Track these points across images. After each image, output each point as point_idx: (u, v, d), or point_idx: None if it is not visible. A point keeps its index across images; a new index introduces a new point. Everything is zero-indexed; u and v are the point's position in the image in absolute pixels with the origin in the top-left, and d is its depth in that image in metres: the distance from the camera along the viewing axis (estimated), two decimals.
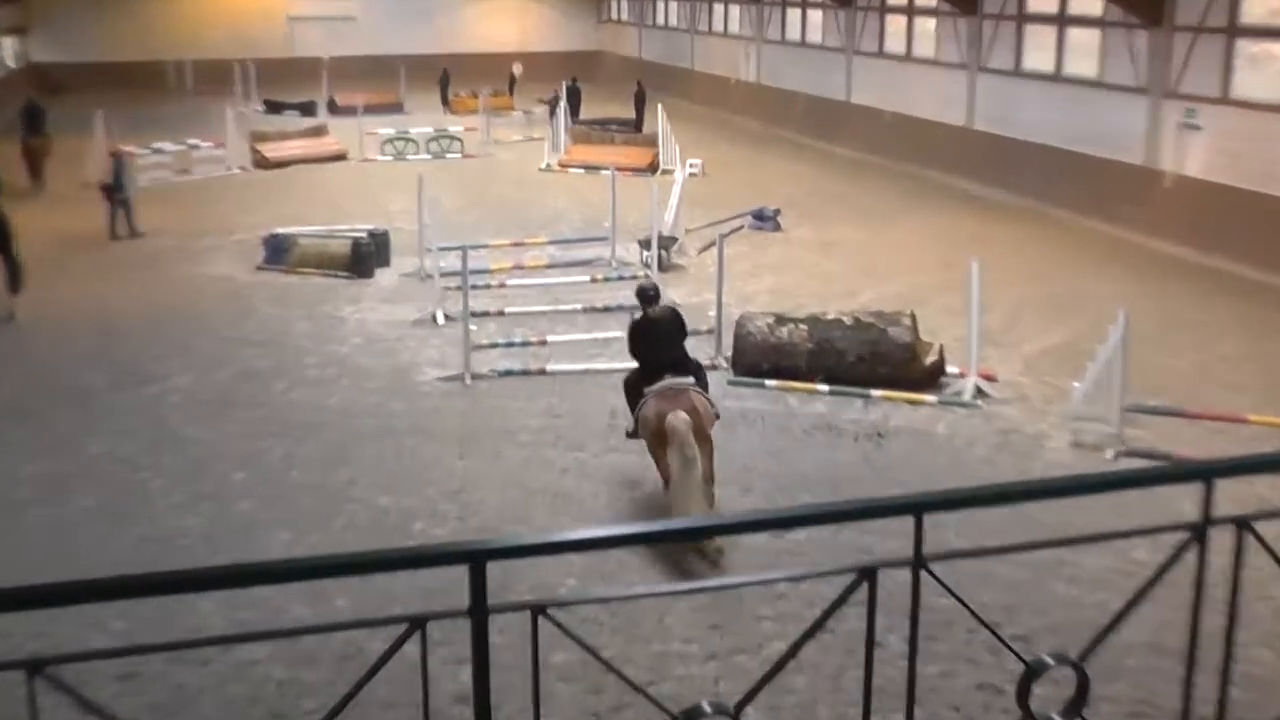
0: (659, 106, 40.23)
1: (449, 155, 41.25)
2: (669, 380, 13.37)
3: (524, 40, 69.28)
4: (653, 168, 37.41)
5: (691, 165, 35.07)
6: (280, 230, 26.83)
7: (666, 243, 25.34)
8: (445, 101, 54.51)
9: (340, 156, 40.35)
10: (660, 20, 62.57)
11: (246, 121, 43.66)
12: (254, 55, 61.26)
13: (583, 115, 47.34)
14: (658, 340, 13.68)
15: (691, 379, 13.50)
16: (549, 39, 70.30)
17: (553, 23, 70.62)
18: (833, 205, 32.52)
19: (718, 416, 13.64)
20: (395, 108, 52.62)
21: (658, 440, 13.14)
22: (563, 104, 42.55)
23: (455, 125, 45.13)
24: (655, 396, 13.30)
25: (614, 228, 25.71)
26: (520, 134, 46.34)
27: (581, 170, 37.89)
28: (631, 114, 48.09)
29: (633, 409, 13.86)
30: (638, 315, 14.15)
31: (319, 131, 41.72)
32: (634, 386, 13.91)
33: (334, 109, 51.83)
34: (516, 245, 26.41)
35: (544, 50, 68.89)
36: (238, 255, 26.92)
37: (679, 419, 12.90)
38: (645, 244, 24.50)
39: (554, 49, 69.31)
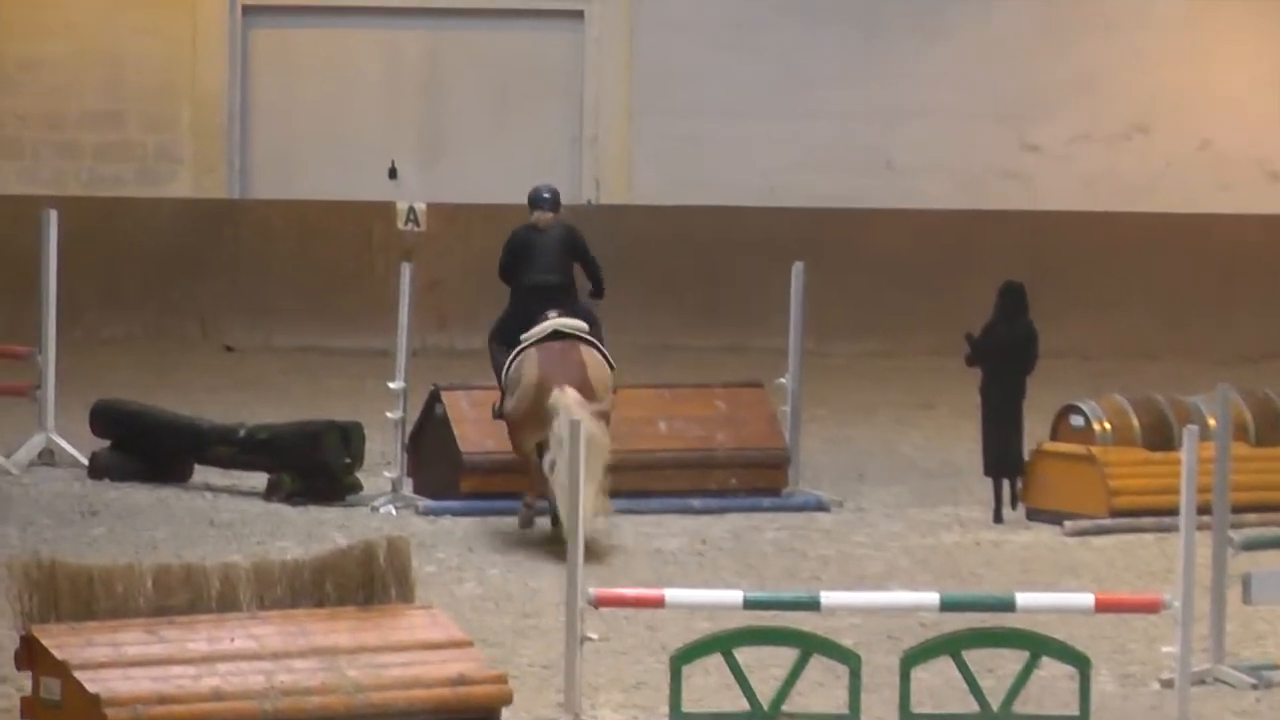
0: None
1: None
2: (554, 320, 10.23)
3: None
4: None
5: None
6: None
7: None
8: (1004, 494, 10.68)
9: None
10: None
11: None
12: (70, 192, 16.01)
13: None
14: (537, 257, 10.54)
15: (583, 323, 10.39)
16: None
17: None
18: None
19: (612, 368, 10.37)
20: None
21: (531, 418, 9.93)
22: None
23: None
24: (538, 350, 10.09)
25: None
26: None
27: None
28: None
29: (500, 370, 10.40)
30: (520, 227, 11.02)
31: (367, 588, 5.93)
32: (504, 330, 10.60)
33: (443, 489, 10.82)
34: None
35: None
36: None
37: (568, 397, 9.59)
38: None
39: None
